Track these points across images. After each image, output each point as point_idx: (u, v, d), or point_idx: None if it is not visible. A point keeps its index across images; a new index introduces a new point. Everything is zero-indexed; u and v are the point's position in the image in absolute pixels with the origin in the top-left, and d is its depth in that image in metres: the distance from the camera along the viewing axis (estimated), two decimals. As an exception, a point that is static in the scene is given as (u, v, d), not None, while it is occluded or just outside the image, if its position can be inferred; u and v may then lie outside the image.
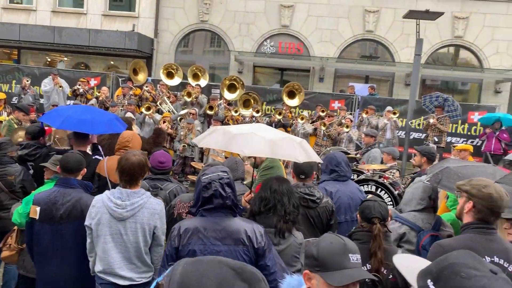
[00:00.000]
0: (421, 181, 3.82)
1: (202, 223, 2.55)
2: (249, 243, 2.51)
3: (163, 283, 0.94)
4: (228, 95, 11.73)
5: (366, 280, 2.42)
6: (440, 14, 10.15)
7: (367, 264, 2.68)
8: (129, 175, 3.01)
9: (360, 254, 2.54)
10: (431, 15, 10.15)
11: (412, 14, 10.11)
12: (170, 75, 12.20)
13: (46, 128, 5.35)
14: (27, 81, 12.12)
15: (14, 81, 13.83)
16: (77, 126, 4.44)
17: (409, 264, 1.34)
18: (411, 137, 11.76)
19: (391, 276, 2.61)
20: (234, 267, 0.93)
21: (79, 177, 3.46)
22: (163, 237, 3.11)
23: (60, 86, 12.12)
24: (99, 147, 4.85)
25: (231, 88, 11.79)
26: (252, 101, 11.50)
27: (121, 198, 2.99)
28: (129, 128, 5.92)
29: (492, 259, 2.37)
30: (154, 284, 0.93)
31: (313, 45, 16.42)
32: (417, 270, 1.24)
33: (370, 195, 5.44)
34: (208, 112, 10.60)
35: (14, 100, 12.29)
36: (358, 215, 2.90)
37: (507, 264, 2.38)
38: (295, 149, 3.26)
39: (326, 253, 1.69)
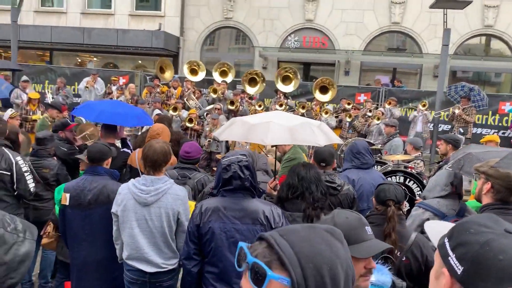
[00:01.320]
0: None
1: (222, 203, 2.68)
2: (266, 223, 2.61)
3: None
4: (249, 89, 11.79)
5: (379, 261, 2.47)
6: (468, 2, 9.90)
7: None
8: (152, 162, 3.12)
9: (376, 237, 2.58)
10: (459, 4, 9.92)
11: (439, 4, 9.91)
12: (193, 72, 12.37)
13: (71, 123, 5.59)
14: (62, 83, 12.52)
15: (47, 81, 14.33)
16: (111, 119, 4.66)
17: (438, 229, 1.36)
18: (440, 129, 11.53)
19: (404, 258, 2.63)
20: (325, 228, 0.98)
21: (106, 166, 3.61)
22: (187, 223, 3.21)
23: (87, 87, 12.41)
24: (128, 141, 5.03)
25: (252, 82, 11.84)
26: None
27: (146, 184, 3.10)
28: (169, 127, 6.20)
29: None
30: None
31: (338, 39, 16.29)
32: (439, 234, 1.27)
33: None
34: (229, 107, 10.70)
35: (47, 99, 12.74)
36: (373, 199, 2.91)
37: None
38: (315, 133, 3.29)
39: (346, 228, 1.70)
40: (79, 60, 19.02)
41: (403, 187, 3.47)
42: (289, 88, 11.73)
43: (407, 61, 16.24)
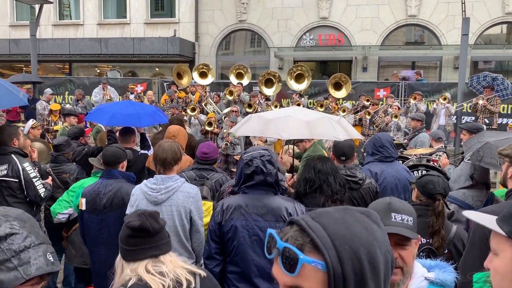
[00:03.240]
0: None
1: (244, 200, 2.61)
2: None
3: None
4: (266, 91, 11.72)
5: (421, 254, 2.35)
6: (487, -11, 9.61)
7: (423, 239, 2.56)
8: (162, 160, 3.11)
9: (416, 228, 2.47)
10: (478, -9, 9.64)
11: (456, -8, 9.66)
12: (203, 74, 12.35)
13: (86, 129, 5.64)
14: (80, 94, 12.71)
15: (66, 93, 14.59)
16: (124, 121, 4.63)
17: (480, 216, 1.27)
18: (463, 120, 11.22)
19: (446, 251, 2.51)
20: (360, 210, 0.93)
21: (121, 169, 3.61)
22: (201, 222, 3.16)
23: (109, 99, 12.58)
24: (147, 136, 5.02)
25: (268, 83, 11.77)
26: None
27: (156, 183, 3.10)
28: (181, 126, 6.18)
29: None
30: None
31: (354, 35, 16.09)
32: (490, 218, 1.19)
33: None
34: (248, 110, 10.64)
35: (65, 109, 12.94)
36: (415, 190, 2.75)
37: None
38: (334, 127, 3.19)
39: None
40: (98, 71, 19.32)
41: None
42: (302, 86, 11.61)
43: (426, 54, 15.93)
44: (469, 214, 1.36)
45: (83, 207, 3.38)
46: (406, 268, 1.55)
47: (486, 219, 1.21)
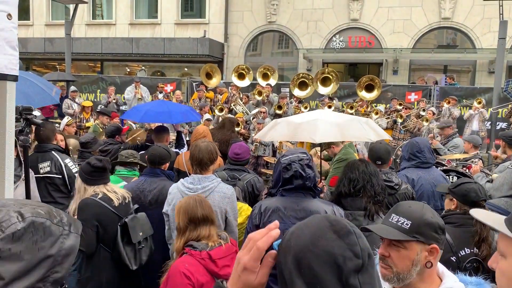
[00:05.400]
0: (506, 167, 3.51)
1: (282, 203, 2.59)
2: None
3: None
4: (299, 93, 11.64)
5: (467, 265, 2.27)
6: (527, -9, 9.32)
7: (466, 249, 2.48)
8: (198, 160, 3.13)
9: (457, 238, 2.39)
10: (517, -6, 9.35)
11: (494, -5, 9.39)
12: (241, 76, 12.37)
13: (123, 127, 5.75)
14: (112, 91, 12.96)
15: (98, 91, 14.90)
16: (156, 118, 4.75)
17: (489, 216, 1.23)
18: (498, 127, 10.89)
19: None
20: (331, 219, 0.98)
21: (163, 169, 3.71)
22: (235, 223, 3.16)
23: (140, 98, 12.76)
24: (182, 134, 5.10)
25: (302, 85, 11.68)
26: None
27: (193, 183, 3.12)
28: (233, 127, 6.35)
29: None
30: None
31: (385, 37, 15.85)
32: (499, 219, 1.17)
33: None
34: (277, 111, 10.60)
35: (99, 108, 13.21)
36: (454, 199, 2.69)
37: None
38: (364, 129, 3.13)
39: None
40: (128, 70, 19.66)
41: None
42: (328, 89, 11.48)
43: (459, 58, 15.55)
44: (477, 213, 1.31)
45: None
46: (396, 269, 1.55)
47: (495, 220, 1.20)
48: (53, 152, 4.11)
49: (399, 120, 10.13)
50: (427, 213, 1.60)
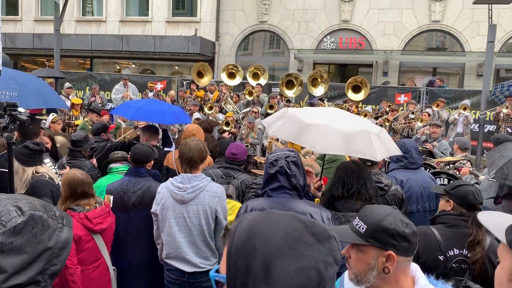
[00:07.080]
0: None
1: (268, 203, 2.55)
2: None
3: (231, 227, 0.92)
4: (288, 92, 11.64)
5: (453, 265, 2.28)
6: (515, -4, 9.43)
7: (455, 250, 2.48)
8: (188, 159, 3.09)
9: (448, 237, 2.40)
10: (505, -1, 9.46)
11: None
12: (231, 75, 12.34)
13: (110, 125, 5.68)
14: (95, 88, 12.86)
15: (87, 88, 14.76)
16: (148, 116, 4.65)
17: (494, 220, 1.23)
18: (485, 129, 11.00)
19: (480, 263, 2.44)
20: (305, 221, 0.89)
21: (148, 168, 3.59)
22: (225, 222, 3.13)
23: (130, 98, 12.64)
24: (168, 132, 5.04)
25: (289, 85, 11.68)
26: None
27: (183, 182, 3.07)
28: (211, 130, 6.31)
29: None
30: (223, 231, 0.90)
31: (376, 39, 15.94)
32: (503, 225, 1.17)
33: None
34: (269, 111, 10.59)
35: (90, 105, 13.08)
36: (450, 200, 2.69)
37: None
38: (373, 143, 2.96)
39: None
40: (118, 67, 19.50)
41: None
42: (318, 91, 11.49)
43: (448, 60, 15.71)
44: (483, 217, 1.31)
45: (111, 205, 3.35)
46: (354, 270, 1.57)
47: (497, 226, 1.21)
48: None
49: (386, 124, 10.18)
50: (388, 219, 1.54)
